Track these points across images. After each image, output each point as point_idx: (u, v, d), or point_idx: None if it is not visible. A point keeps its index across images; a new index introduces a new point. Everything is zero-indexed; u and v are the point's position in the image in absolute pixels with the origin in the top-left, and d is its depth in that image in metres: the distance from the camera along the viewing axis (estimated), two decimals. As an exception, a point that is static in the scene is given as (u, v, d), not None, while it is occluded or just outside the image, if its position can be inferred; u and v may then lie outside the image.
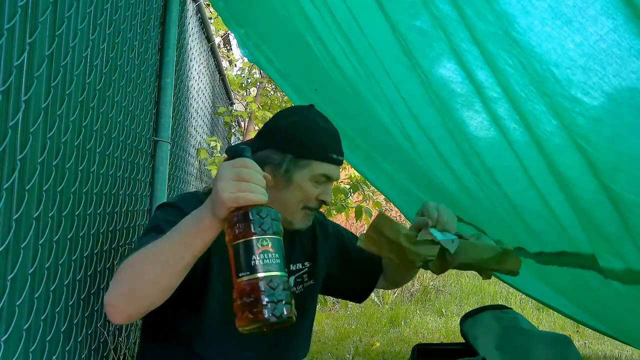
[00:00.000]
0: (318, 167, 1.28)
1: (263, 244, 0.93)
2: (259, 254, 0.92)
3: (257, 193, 0.97)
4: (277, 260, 0.94)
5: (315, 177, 1.29)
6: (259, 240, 0.93)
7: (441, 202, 1.53)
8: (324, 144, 1.30)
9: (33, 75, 1.15)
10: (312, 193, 1.29)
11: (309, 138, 1.29)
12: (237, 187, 0.97)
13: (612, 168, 1.11)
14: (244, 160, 1.01)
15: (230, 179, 0.97)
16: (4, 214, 1.07)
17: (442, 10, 1.17)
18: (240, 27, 2.37)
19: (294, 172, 1.28)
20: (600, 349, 3.96)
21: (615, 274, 1.42)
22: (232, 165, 1.00)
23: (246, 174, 0.98)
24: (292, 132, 1.29)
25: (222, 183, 0.97)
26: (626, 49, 0.91)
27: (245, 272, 0.92)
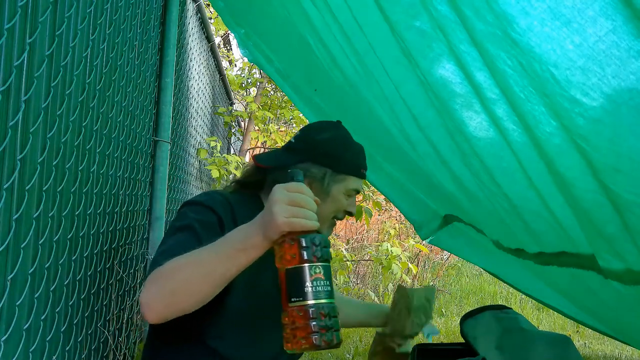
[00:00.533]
0: (353, 182, 1.38)
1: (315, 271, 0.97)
2: (311, 281, 0.96)
3: (311, 219, 1.01)
4: (327, 288, 0.98)
5: (348, 191, 1.38)
6: (312, 268, 0.97)
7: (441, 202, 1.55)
8: (358, 161, 1.41)
9: (33, 75, 1.15)
10: (344, 205, 1.39)
11: (347, 154, 1.39)
12: (291, 212, 1.00)
13: (611, 169, 1.11)
14: (299, 186, 1.04)
15: (284, 203, 1.00)
16: (4, 214, 1.07)
17: (441, 11, 1.18)
18: (240, 27, 2.37)
19: (332, 185, 1.36)
20: (600, 349, 3.97)
21: (615, 274, 1.42)
22: (286, 189, 1.03)
23: (300, 199, 1.02)
24: (331, 148, 1.38)
25: (277, 207, 1.00)
26: (625, 50, 0.91)
27: (298, 298, 0.96)
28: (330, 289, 0.98)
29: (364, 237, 6.64)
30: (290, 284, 0.97)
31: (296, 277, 0.97)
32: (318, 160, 1.36)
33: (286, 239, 0.99)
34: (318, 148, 1.37)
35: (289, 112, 5.23)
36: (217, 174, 3.71)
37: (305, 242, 0.98)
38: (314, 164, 1.35)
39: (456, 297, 5.51)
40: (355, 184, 1.39)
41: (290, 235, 0.99)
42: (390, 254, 4.27)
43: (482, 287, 5.86)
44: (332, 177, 1.36)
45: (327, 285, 0.97)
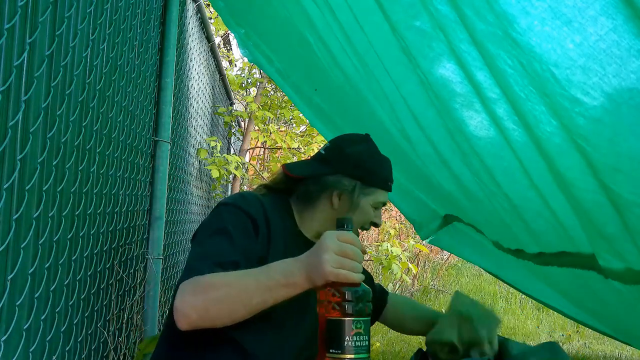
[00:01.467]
0: (381, 195, 1.40)
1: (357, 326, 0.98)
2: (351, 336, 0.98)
3: (358, 272, 1.01)
4: (365, 343, 0.99)
5: (376, 204, 1.40)
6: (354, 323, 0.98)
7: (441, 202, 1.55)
8: (387, 175, 1.42)
9: (33, 75, 1.15)
10: (371, 217, 1.40)
11: (377, 168, 1.41)
12: (340, 262, 1.01)
13: (612, 168, 1.11)
14: (351, 236, 1.05)
15: (334, 252, 1.01)
16: (4, 214, 1.07)
17: (442, 10, 1.17)
18: (240, 27, 2.37)
19: (361, 198, 1.38)
20: (600, 349, 3.97)
21: (616, 273, 1.42)
22: (338, 237, 1.03)
23: (351, 250, 1.02)
24: (362, 161, 1.39)
25: (326, 255, 1.01)
26: (626, 49, 0.91)
27: (337, 351, 0.98)
28: (368, 344, 1.00)
29: (364, 237, 6.64)
30: (331, 334, 0.99)
31: (337, 329, 0.98)
32: (349, 172, 1.38)
33: (330, 288, 1.00)
34: (349, 160, 1.39)
35: (289, 112, 5.23)
36: (217, 174, 3.71)
37: (350, 295, 0.99)
38: (344, 176, 1.37)
39: (456, 297, 5.50)
40: (383, 197, 1.41)
41: (335, 285, 1.00)
42: (390, 254, 4.27)
43: (482, 287, 5.86)
44: (362, 189, 1.38)
45: (365, 340, 0.99)
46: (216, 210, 1.31)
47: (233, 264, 1.15)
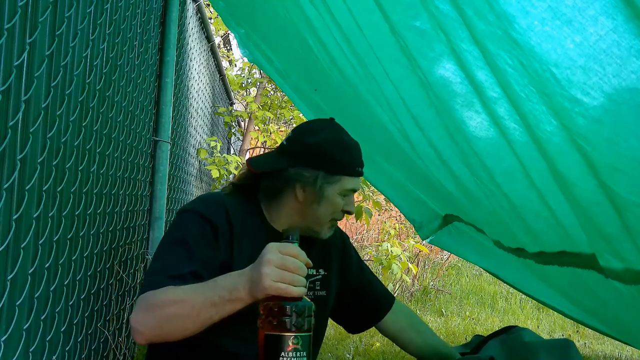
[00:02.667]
0: (348, 182, 1.35)
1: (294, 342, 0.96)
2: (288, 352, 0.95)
3: (299, 286, 0.99)
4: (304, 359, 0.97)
5: (344, 192, 1.35)
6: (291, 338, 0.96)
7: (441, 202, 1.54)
8: (353, 160, 1.36)
9: (33, 75, 1.15)
10: (339, 205, 1.35)
11: (340, 155, 1.34)
12: (280, 276, 0.98)
13: (611, 168, 1.11)
14: (292, 248, 1.02)
15: (275, 265, 0.99)
16: (4, 214, 1.07)
17: (442, 10, 1.17)
18: (240, 27, 2.37)
19: (326, 188, 1.33)
20: (600, 349, 3.97)
21: (615, 273, 1.42)
22: (280, 250, 1.01)
23: (291, 264, 0.99)
24: (323, 150, 1.34)
25: (266, 269, 0.99)
26: (626, 49, 0.91)
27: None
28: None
29: (364, 237, 6.64)
30: (267, 350, 0.96)
31: (273, 345, 0.96)
32: (310, 163, 1.33)
33: (270, 302, 0.98)
34: (310, 151, 1.34)
35: (289, 112, 5.23)
36: (217, 174, 3.71)
37: (289, 310, 0.96)
38: (306, 167, 1.32)
39: (456, 297, 5.51)
40: (350, 184, 1.35)
41: (275, 299, 0.98)
42: (390, 254, 4.27)
43: (482, 287, 5.86)
44: (326, 179, 1.33)
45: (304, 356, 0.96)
46: (176, 219, 1.31)
47: (191, 275, 1.14)
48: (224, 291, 1.05)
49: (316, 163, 1.33)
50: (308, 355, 0.98)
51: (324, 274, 1.46)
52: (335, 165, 1.34)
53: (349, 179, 1.35)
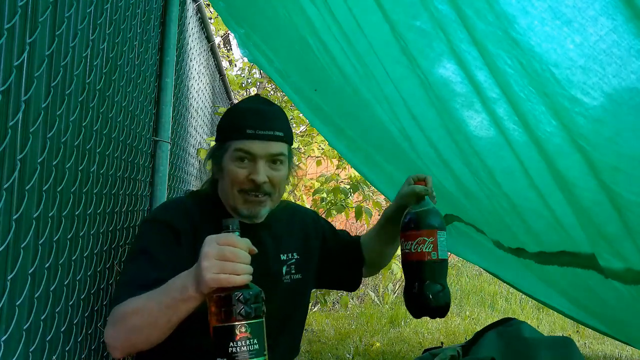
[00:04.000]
0: (234, 145, 1.29)
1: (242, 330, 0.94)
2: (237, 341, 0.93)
3: (241, 274, 0.97)
4: (256, 346, 0.95)
5: (234, 156, 1.29)
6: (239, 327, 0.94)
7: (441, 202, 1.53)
8: (240, 123, 1.30)
9: (33, 75, 1.15)
10: (239, 174, 1.29)
11: (226, 122, 1.34)
12: (220, 267, 0.97)
13: (612, 168, 1.11)
14: (230, 237, 1.00)
15: (213, 257, 0.98)
16: (4, 214, 1.07)
17: (442, 10, 1.18)
18: (240, 27, 2.37)
19: (222, 158, 1.32)
20: (600, 349, 3.97)
21: (615, 273, 1.42)
22: (216, 242, 0.99)
23: (230, 253, 0.98)
24: (220, 121, 1.35)
25: (205, 262, 0.98)
26: (626, 49, 0.91)
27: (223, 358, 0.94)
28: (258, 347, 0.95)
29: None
30: (217, 342, 0.95)
31: (221, 337, 0.94)
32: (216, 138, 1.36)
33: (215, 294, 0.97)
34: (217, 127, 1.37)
35: (289, 112, 5.23)
36: (217, 174, 3.70)
37: (232, 299, 0.95)
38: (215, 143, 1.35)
39: (456, 297, 5.51)
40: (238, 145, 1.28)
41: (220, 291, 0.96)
42: (390, 253, 4.25)
43: (482, 287, 5.86)
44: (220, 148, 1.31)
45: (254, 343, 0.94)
46: (139, 229, 1.35)
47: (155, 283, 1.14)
48: (175, 292, 1.05)
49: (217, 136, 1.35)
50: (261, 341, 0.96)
51: (297, 257, 1.47)
52: (222, 132, 1.33)
53: (236, 142, 1.29)
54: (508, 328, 1.60)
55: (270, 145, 1.30)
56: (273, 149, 1.30)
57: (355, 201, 4.40)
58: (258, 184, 1.29)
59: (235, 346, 0.93)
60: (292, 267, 1.46)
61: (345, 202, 4.10)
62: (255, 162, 1.29)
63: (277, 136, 1.31)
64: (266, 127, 1.30)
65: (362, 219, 3.91)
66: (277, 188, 1.34)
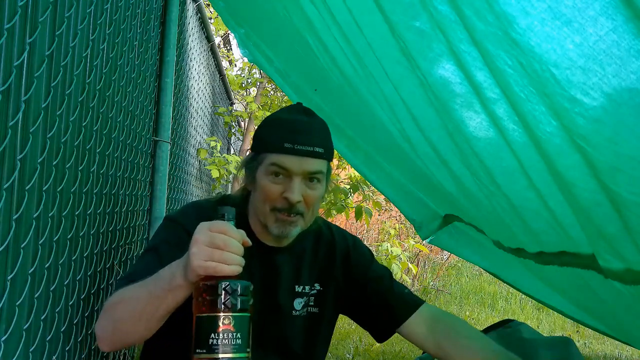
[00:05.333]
0: (270, 159, 1.21)
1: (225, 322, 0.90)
2: (219, 333, 0.89)
3: (231, 264, 0.93)
4: (238, 341, 0.90)
5: (269, 170, 1.20)
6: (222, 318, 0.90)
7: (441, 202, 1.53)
8: (278, 135, 1.21)
9: (33, 75, 1.15)
10: (273, 190, 1.21)
11: (266, 132, 1.25)
12: (209, 255, 0.93)
13: (612, 168, 1.11)
14: (223, 225, 0.95)
15: (204, 244, 0.93)
16: (4, 214, 1.07)
17: (441, 11, 1.17)
18: (240, 27, 2.37)
19: (257, 170, 1.23)
20: (600, 349, 3.97)
21: (616, 273, 1.42)
22: (208, 228, 0.95)
23: (221, 241, 0.93)
24: (257, 130, 1.27)
25: (194, 248, 0.94)
26: (626, 49, 0.91)
27: (203, 350, 0.90)
28: (241, 342, 0.90)
29: (364, 237, 6.63)
30: (198, 332, 0.91)
31: (203, 327, 0.90)
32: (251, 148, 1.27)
33: (201, 283, 0.93)
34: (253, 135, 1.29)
35: (288, 112, 5.22)
36: (217, 174, 3.71)
37: (219, 289, 0.90)
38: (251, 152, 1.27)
39: (456, 297, 5.51)
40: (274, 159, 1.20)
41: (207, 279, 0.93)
42: (390, 254, 4.27)
43: (482, 287, 5.86)
44: (255, 159, 1.23)
45: (237, 337, 0.90)
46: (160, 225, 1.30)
47: None
48: (164, 282, 1.01)
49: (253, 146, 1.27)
50: (245, 337, 0.91)
51: (319, 289, 1.37)
52: (262, 142, 1.24)
53: (271, 156, 1.21)
54: (508, 329, 1.60)
55: (308, 162, 1.21)
56: (311, 166, 1.21)
57: (355, 201, 4.40)
58: (292, 203, 1.20)
59: (216, 338, 0.89)
60: (311, 299, 1.36)
61: (345, 202, 4.10)
62: (291, 179, 1.20)
63: (316, 152, 1.21)
64: (305, 141, 1.21)
65: (362, 219, 3.91)
66: (311, 208, 1.24)
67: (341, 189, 4.09)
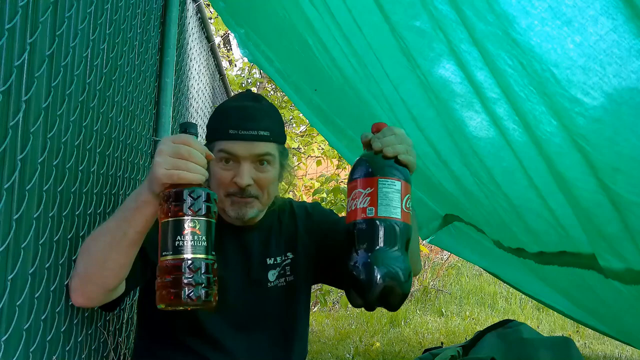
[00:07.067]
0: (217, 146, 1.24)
1: (190, 225, 0.92)
2: (184, 235, 0.92)
3: (194, 172, 0.95)
4: (203, 244, 0.93)
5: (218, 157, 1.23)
6: (187, 222, 0.92)
7: (441, 202, 1.53)
8: (224, 122, 1.25)
9: (33, 76, 1.15)
10: (225, 176, 1.24)
11: (213, 120, 1.29)
12: (173, 164, 0.95)
13: (612, 168, 1.11)
14: (186, 137, 0.98)
15: (167, 154, 0.96)
16: (4, 214, 1.07)
17: (442, 10, 1.18)
18: (240, 27, 2.37)
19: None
20: (600, 349, 3.97)
21: (616, 273, 1.42)
22: (172, 140, 0.98)
23: (185, 151, 0.96)
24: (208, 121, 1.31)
25: (158, 158, 0.96)
26: (626, 49, 0.91)
27: (169, 252, 0.92)
28: (206, 245, 0.93)
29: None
30: (164, 237, 0.93)
31: (170, 231, 0.92)
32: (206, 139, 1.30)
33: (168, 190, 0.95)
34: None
35: (289, 112, 5.23)
36: (217, 174, 3.70)
37: (183, 195, 0.92)
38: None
39: (456, 297, 5.51)
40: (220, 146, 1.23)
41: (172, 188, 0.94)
42: (390, 254, 4.25)
43: (482, 287, 5.86)
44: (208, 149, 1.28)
45: (202, 240, 0.92)
46: None
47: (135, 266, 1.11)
48: (130, 202, 1.03)
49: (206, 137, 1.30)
50: (210, 242, 0.94)
51: (292, 257, 1.39)
52: (210, 132, 1.28)
53: (219, 143, 1.24)
54: (508, 329, 1.60)
55: (254, 146, 1.23)
56: (257, 149, 1.24)
57: (355, 201, 4.39)
58: (242, 187, 1.23)
59: (182, 239, 0.91)
60: (286, 269, 1.38)
61: (345, 202, 4.10)
62: (239, 164, 1.23)
63: (261, 136, 1.24)
64: (250, 126, 1.23)
65: (362, 219, 3.90)
66: (265, 190, 1.27)
67: (341, 189, 4.09)
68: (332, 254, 1.40)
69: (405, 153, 1.09)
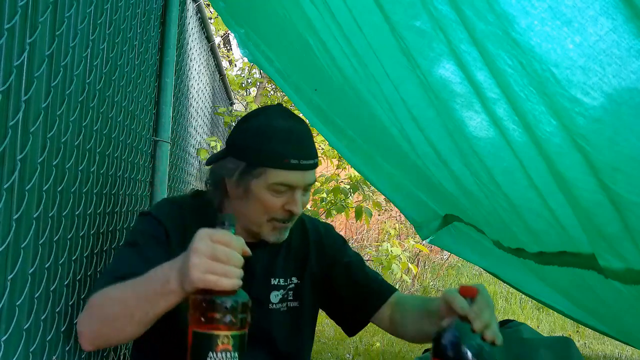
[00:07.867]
0: (274, 176, 1.17)
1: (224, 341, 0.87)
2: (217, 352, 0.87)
3: (230, 278, 0.89)
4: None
5: (272, 187, 1.17)
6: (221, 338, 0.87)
7: (441, 202, 1.53)
8: (279, 149, 1.16)
9: (33, 75, 1.15)
10: (274, 203, 1.18)
11: (262, 144, 1.17)
12: (209, 267, 0.89)
13: (612, 168, 1.11)
14: (225, 236, 0.91)
15: (205, 255, 0.89)
16: (4, 214, 1.07)
17: (442, 10, 1.17)
18: (240, 27, 2.37)
19: (250, 181, 1.18)
20: (600, 349, 3.97)
21: (616, 273, 1.42)
22: (211, 238, 0.91)
23: (223, 254, 0.89)
24: (247, 138, 1.20)
25: (195, 259, 0.89)
26: (626, 49, 0.91)
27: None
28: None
29: (364, 237, 6.64)
30: (194, 349, 0.87)
31: (202, 344, 0.87)
32: (236, 153, 1.20)
33: (200, 296, 0.89)
34: (237, 140, 1.21)
35: (288, 112, 5.23)
36: (217, 174, 3.70)
37: (218, 305, 0.87)
38: (233, 158, 1.20)
39: (456, 297, 5.50)
40: (278, 178, 1.16)
41: (205, 292, 0.89)
42: (390, 254, 4.27)
43: (482, 287, 5.86)
44: (248, 171, 1.17)
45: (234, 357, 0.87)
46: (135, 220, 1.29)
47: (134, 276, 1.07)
48: (156, 284, 0.97)
49: (241, 154, 1.19)
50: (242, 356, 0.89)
51: (297, 283, 1.35)
52: (259, 155, 1.17)
53: (275, 172, 1.16)
54: (508, 329, 1.60)
55: (310, 175, 1.19)
56: (312, 178, 1.20)
57: (355, 201, 4.41)
58: (297, 215, 1.19)
59: (214, 357, 0.86)
60: (290, 293, 1.34)
61: (345, 202, 4.11)
62: (293, 192, 1.18)
63: (315, 164, 1.20)
64: (306, 155, 1.18)
65: (362, 219, 3.91)
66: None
67: (341, 189, 4.09)
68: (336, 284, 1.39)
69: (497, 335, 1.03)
